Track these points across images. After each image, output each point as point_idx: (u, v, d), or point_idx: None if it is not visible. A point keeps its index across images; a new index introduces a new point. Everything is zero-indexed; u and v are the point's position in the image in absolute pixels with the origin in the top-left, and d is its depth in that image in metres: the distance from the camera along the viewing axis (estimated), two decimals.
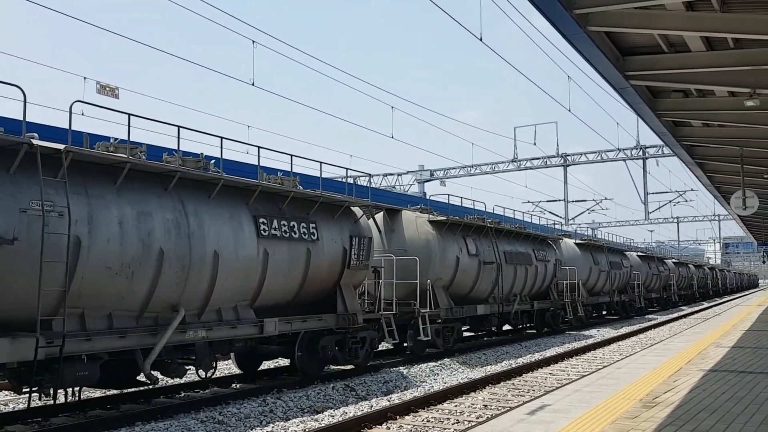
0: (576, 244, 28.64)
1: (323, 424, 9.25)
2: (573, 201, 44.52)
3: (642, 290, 36.09)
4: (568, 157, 40.11)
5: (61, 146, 8.56)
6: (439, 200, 36.46)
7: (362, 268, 14.06)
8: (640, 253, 40.11)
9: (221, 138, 11.16)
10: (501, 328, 23.07)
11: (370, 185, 15.33)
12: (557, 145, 39.62)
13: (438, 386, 12.59)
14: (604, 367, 11.35)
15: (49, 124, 17.03)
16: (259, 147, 12.06)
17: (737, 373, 9.67)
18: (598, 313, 32.59)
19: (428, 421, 9.68)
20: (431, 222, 17.51)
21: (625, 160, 38.58)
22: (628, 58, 10.83)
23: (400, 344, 16.45)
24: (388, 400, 11.19)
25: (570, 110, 26.78)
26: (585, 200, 46.49)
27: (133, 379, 10.15)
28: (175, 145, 10.45)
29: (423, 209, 18.25)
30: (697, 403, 7.45)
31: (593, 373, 10.46)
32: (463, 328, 19.88)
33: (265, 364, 14.70)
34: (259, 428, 9.26)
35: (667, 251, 69.25)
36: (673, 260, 48.79)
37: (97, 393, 11.99)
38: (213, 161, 11.15)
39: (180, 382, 12.81)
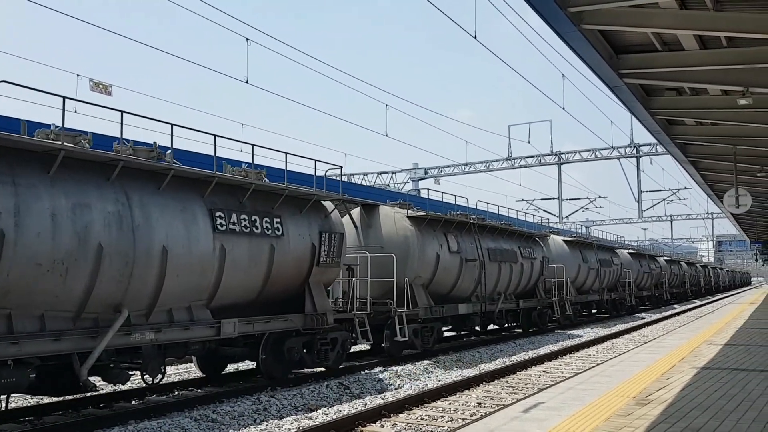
0: (564, 241, 28.02)
1: (317, 422, 9.24)
2: (567, 199, 44.59)
3: (633, 288, 35.78)
4: (562, 156, 40.17)
5: None
6: (418, 196, 35.91)
7: (333, 266, 13.44)
8: (631, 251, 39.77)
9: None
10: (485, 328, 22.54)
11: (340, 178, 14.40)
12: (551, 144, 39.58)
13: (432, 384, 12.60)
14: (598, 365, 11.38)
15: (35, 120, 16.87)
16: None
17: (730, 371, 9.71)
18: (588, 312, 32.24)
19: (422, 419, 9.68)
20: (410, 218, 16.87)
21: (618, 159, 38.70)
22: (622, 57, 10.85)
23: (378, 345, 15.97)
24: (382, 398, 11.19)
25: (564, 108, 26.79)
26: (579, 198, 46.63)
27: (76, 385, 9.21)
28: (170, 143, 10.38)
29: (402, 204, 17.61)
30: (690, 400, 7.48)
31: (587, 371, 10.49)
32: (445, 329, 19.35)
33: (243, 365, 14.24)
34: (253, 426, 9.25)
35: (661, 249, 69.51)
36: (665, 258, 48.67)
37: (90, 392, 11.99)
38: (169, 151, 10.36)
39: (174, 381, 12.80)
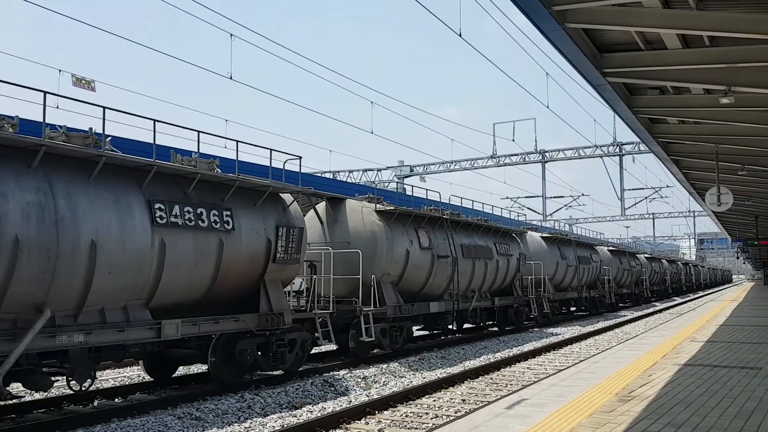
0: (542, 237, 27.59)
1: (302, 420, 9.23)
2: (551, 197, 44.82)
3: (613, 286, 35.56)
4: (546, 154, 40.36)
5: None
6: (390, 190, 35.35)
7: (292, 263, 12.62)
8: (610, 248, 39.54)
9: (198, 132, 10.90)
10: (461, 327, 21.89)
11: (299, 169, 13.38)
12: (535, 142, 39.84)
13: (417, 381, 12.62)
14: (581, 361, 11.44)
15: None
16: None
17: (712, 368, 9.80)
18: (567, 310, 31.97)
19: (407, 416, 9.70)
20: (378, 212, 16.08)
21: (602, 157, 38.94)
22: (606, 55, 10.92)
23: (346, 346, 15.33)
24: (367, 396, 11.19)
25: (548, 107, 27.00)
26: (562, 196, 46.89)
27: None
28: (152, 139, 10.32)
29: (371, 198, 16.72)
30: (672, 396, 7.54)
31: (570, 367, 10.54)
32: (416, 328, 18.86)
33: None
34: (236, 424, 9.21)
35: (643, 247, 70.06)
36: (646, 255, 48.61)
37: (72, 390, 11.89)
38: (109, 138, 9.73)
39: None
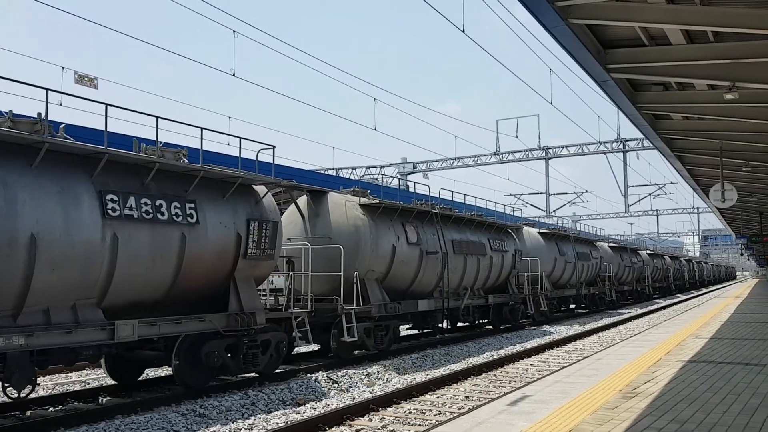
0: (540, 233, 26.66)
1: (305, 417, 9.23)
2: (554, 194, 44.85)
3: (613, 283, 34.83)
4: (550, 150, 40.36)
5: None
6: (377, 184, 34.30)
7: (265, 259, 11.89)
8: (611, 244, 38.74)
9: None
10: (455, 326, 20.97)
11: (273, 159, 12.39)
12: (539, 138, 39.85)
13: (421, 377, 12.62)
14: (585, 358, 11.43)
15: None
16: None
17: (716, 364, 9.77)
18: (566, 307, 31.10)
19: (410, 413, 9.70)
20: (362, 206, 15.26)
21: (605, 153, 38.94)
22: (609, 51, 10.87)
23: (328, 346, 14.70)
24: (371, 392, 11.19)
25: (552, 103, 26.87)
26: (566, 193, 46.97)
27: None
28: (155, 136, 10.30)
29: (356, 192, 15.84)
30: (676, 393, 7.52)
31: (573, 364, 10.53)
32: (406, 327, 18.33)
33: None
34: (240, 421, 9.22)
35: (647, 244, 69.86)
36: (648, 251, 47.91)
37: (77, 387, 11.91)
38: (63, 125, 9.31)
39: (161, 375, 12.75)
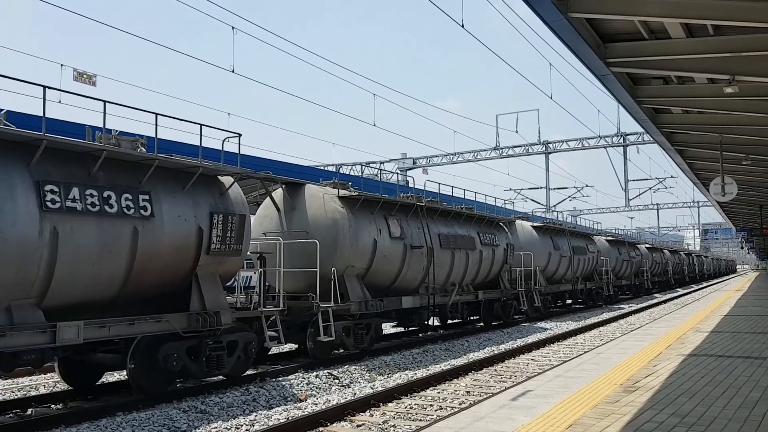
0: (534, 227, 25.96)
1: (307, 412, 9.24)
2: (554, 188, 44.76)
3: (611, 277, 34.18)
4: (550, 145, 40.28)
5: None
6: (361, 176, 33.05)
7: (231, 254, 11.20)
8: (609, 238, 38.23)
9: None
10: (445, 323, 20.52)
11: (239, 149, 11.65)
12: (539, 133, 39.67)
13: (422, 373, 12.63)
14: (585, 352, 11.43)
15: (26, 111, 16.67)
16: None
17: (716, 358, 9.78)
18: (562, 303, 30.57)
19: (411, 408, 9.71)
20: (341, 198, 14.60)
21: (605, 148, 38.84)
22: (609, 45, 10.84)
23: (303, 345, 14.04)
24: (372, 388, 11.21)
25: (551, 98, 26.87)
26: (566, 187, 46.82)
27: None
28: (154, 133, 10.27)
29: (336, 184, 15.14)
30: (677, 387, 7.53)
31: (574, 358, 10.53)
32: (391, 324, 17.86)
33: None
34: (242, 417, 9.24)
35: (647, 238, 69.80)
36: (647, 245, 47.43)
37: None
38: (3, 111, 8.93)
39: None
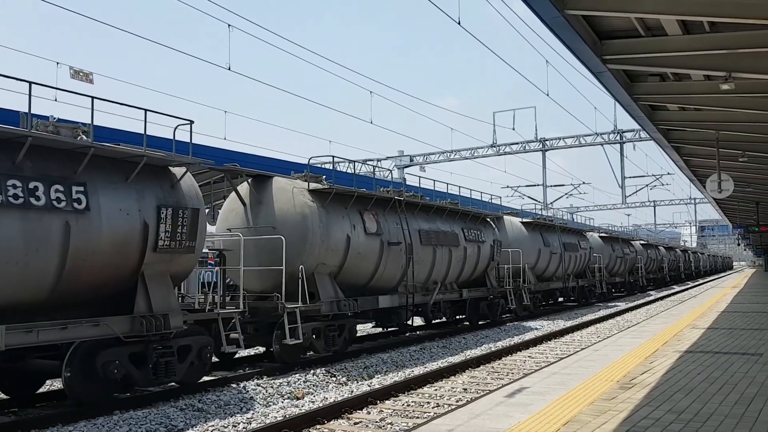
0: (522, 223, 25.17)
1: (304, 410, 9.24)
2: (551, 185, 44.82)
3: (604, 274, 33.67)
4: (547, 142, 40.28)
5: None
6: (340, 170, 30.65)
7: (183, 251, 10.33)
8: (602, 234, 37.39)
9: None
10: (429, 322, 19.74)
11: (190, 138, 10.65)
12: (536, 130, 39.68)
13: (419, 370, 12.64)
14: (582, 349, 11.45)
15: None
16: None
17: (713, 354, 9.81)
18: (554, 301, 29.76)
19: (408, 405, 9.72)
20: (312, 191, 13.83)
21: (602, 145, 38.86)
22: (606, 42, 10.84)
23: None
24: (369, 385, 11.21)
25: (548, 95, 26.91)
26: (563, 185, 46.92)
27: None
28: (151, 131, 10.24)
29: (308, 177, 14.23)
30: (674, 383, 7.55)
31: (571, 355, 10.56)
32: (370, 325, 17.35)
33: None
34: (239, 415, 9.24)
35: (642, 235, 69.79)
36: (641, 242, 46.91)
37: None
38: None
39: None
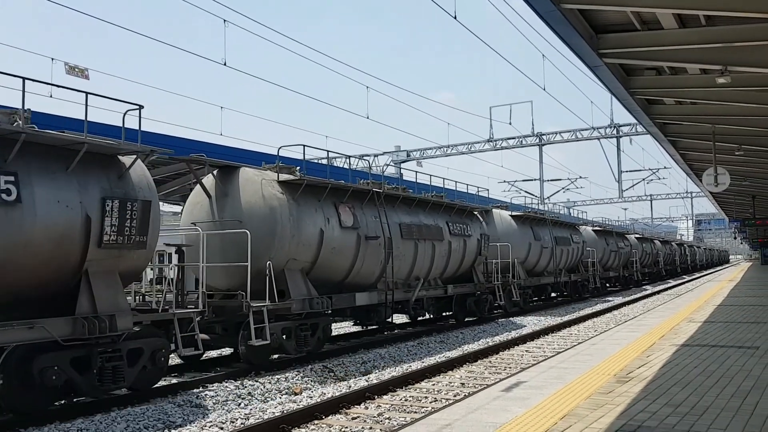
0: (512, 216, 24.53)
1: (302, 405, 9.25)
2: (548, 180, 44.81)
3: (598, 269, 33.00)
4: (544, 137, 40.29)
5: None
6: (317, 162, 29.64)
7: (133, 247, 9.62)
8: (596, 228, 36.79)
9: (23, 78, 8.59)
10: (414, 320, 19.05)
11: (139, 125, 10.03)
12: (533, 125, 39.73)
13: (417, 365, 12.66)
14: (579, 343, 11.47)
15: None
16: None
17: (709, 348, 9.83)
18: (547, 296, 29.03)
19: (406, 400, 9.73)
20: (282, 183, 13.09)
21: (599, 139, 38.89)
22: (602, 36, 10.84)
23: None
24: (367, 381, 11.22)
25: (545, 89, 26.88)
26: (560, 179, 46.94)
27: None
28: (147, 128, 10.14)
29: (281, 168, 13.41)
30: (670, 377, 7.57)
31: (568, 349, 10.57)
32: (348, 324, 16.96)
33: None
34: (237, 411, 9.24)
35: (642, 229, 69.86)
36: (636, 236, 46.53)
37: None
38: None
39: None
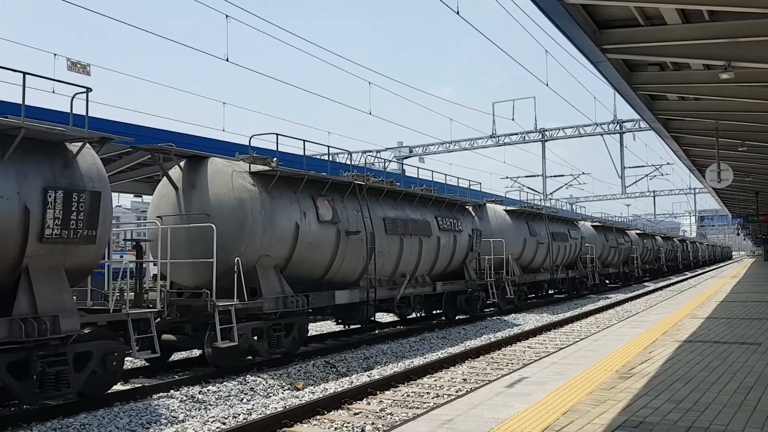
0: (507, 211, 23.74)
1: (304, 401, 9.26)
2: (551, 176, 44.78)
3: (597, 265, 32.25)
4: (546, 132, 40.25)
5: None
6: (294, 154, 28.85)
7: (81, 242, 8.89)
8: (595, 223, 35.76)
9: (24, 73, 8.44)
10: (403, 318, 18.19)
11: (86, 109, 9.24)
12: (535, 121, 39.65)
13: (419, 361, 12.67)
14: (581, 339, 11.48)
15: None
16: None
17: (712, 344, 9.82)
18: (542, 293, 28.32)
19: (408, 396, 9.74)
20: (254, 174, 12.32)
21: (602, 135, 38.83)
22: (605, 32, 10.81)
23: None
24: (369, 376, 11.23)
25: (548, 85, 26.86)
26: (563, 175, 46.89)
27: None
28: (147, 123, 10.09)
29: (256, 159, 12.67)
30: (673, 373, 7.56)
31: (570, 345, 10.58)
32: (331, 323, 16.47)
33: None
34: (239, 406, 9.26)
35: (644, 225, 69.74)
36: (637, 231, 45.81)
37: None
38: None
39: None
